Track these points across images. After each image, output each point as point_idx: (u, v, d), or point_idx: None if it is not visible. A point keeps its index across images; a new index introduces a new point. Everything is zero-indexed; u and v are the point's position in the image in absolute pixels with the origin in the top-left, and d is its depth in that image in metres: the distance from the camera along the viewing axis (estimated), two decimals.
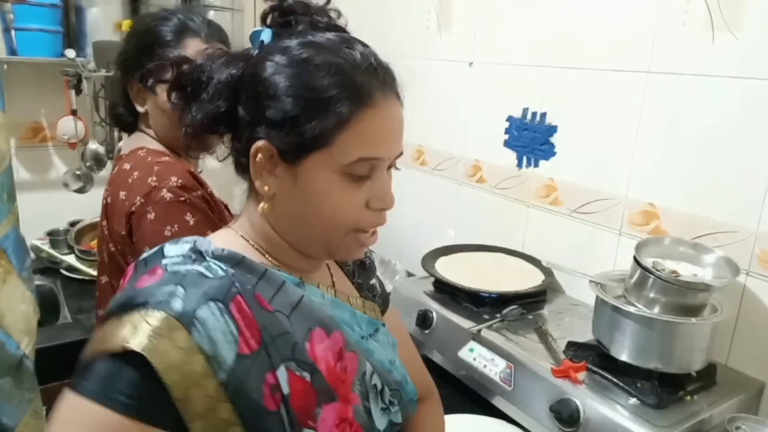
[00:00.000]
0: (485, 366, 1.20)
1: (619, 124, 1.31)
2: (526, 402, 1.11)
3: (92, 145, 1.98)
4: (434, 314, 1.35)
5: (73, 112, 1.96)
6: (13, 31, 1.85)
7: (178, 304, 0.57)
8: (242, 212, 0.73)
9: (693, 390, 1.04)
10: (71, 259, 1.96)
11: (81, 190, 2.05)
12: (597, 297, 1.11)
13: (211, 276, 0.61)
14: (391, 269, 1.84)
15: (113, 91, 1.23)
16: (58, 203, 2.10)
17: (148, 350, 0.54)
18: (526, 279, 1.43)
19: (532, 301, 1.37)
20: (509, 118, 1.57)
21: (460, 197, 1.77)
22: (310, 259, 0.72)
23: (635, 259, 1.09)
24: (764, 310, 1.10)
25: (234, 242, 0.69)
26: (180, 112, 0.69)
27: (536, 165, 1.51)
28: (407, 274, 1.80)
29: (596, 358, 1.11)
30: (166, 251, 0.65)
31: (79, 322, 1.70)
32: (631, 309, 1.05)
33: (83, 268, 1.92)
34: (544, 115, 1.48)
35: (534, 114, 1.50)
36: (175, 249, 0.65)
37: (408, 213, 1.91)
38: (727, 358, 1.16)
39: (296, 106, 0.62)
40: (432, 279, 1.46)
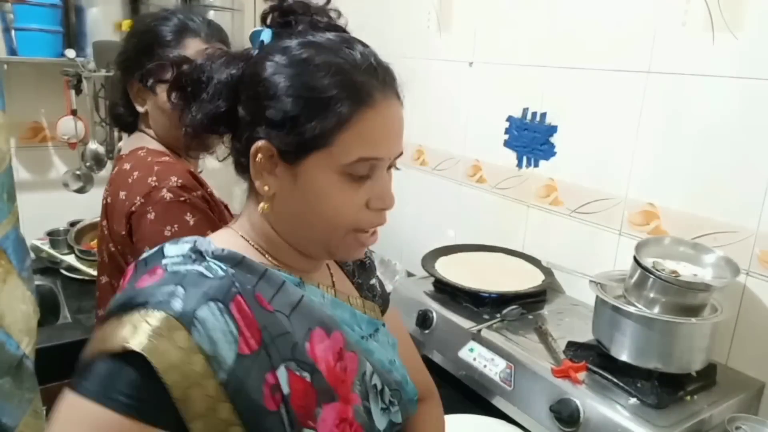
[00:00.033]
0: (485, 366, 1.20)
1: (619, 124, 1.31)
2: (526, 402, 1.11)
3: (92, 145, 1.98)
4: (434, 314, 1.35)
5: (73, 112, 1.96)
6: (13, 31, 1.85)
7: (178, 304, 0.57)
8: (242, 212, 0.73)
9: (693, 390, 1.04)
10: (71, 259, 1.96)
11: (81, 190, 2.05)
12: (597, 297, 1.11)
13: (211, 276, 0.61)
14: (391, 269, 1.84)
15: (113, 91, 1.23)
16: (58, 203, 2.10)
17: (148, 350, 0.54)
18: (526, 279, 1.43)
19: (532, 301, 1.37)
20: (509, 118, 1.57)
21: (460, 197, 1.77)
22: (310, 259, 0.72)
23: (635, 259, 1.09)
24: (764, 310, 1.10)
25: (234, 242, 0.69)
26: (180, 112, 0.69)
27: (536, 165, 1.51)
28: (407, 274, 1.80)
29: (596, 358, 1.11)
30: (166, 251, 0.65)
31: (79, 322, 1.70)
32: (631, 309, 1.05)
33: (83, 268, 1.92)
34: (544, 115, 1.48)
35: (534, 114, 1.50)
36: (175, 249, 0.65)
37: (408, 213, 1.91)
38: (727, 358, 1.16)
39: (296, 106, 0.62)
40: (432, 279, 1.46)
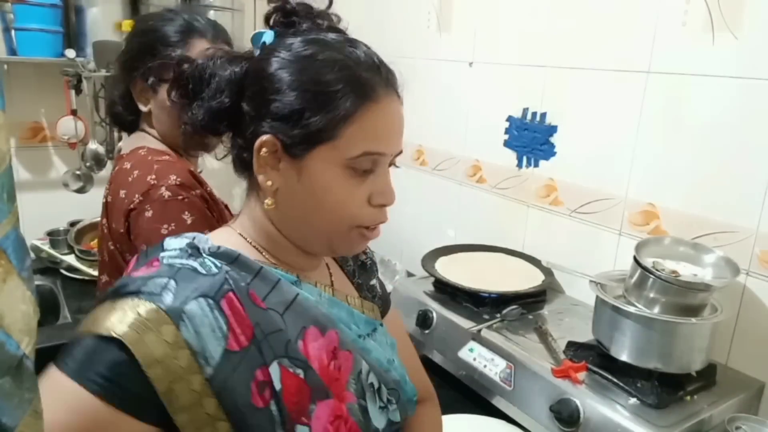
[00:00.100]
0: (485, 366, 1.20)
1: (619, 124, 1.31)
2: (526, 402, 1.11)
3: (92, 145, 1.99)
4: (434, 314, 1.35)
5: (73, 112, 1.96)
6: (13, 31, 1.85)
7: (169, 297, 0.58)
8: (242, 210, 0.73)
9: (693, 390, 1.04)
10: (71, 259, 1.96)
11: (81, 190, 2.05)
12: (597, 297, 1.11)
13: (204, 272, 0.62)
14: (391, 269, 1.84)
15: (112, 89, 1.23)
16: (58, 203, 2.10)
17: (133, 341, 0.55)
18: (526, 279, 1.43)
19: (532, 301, 1.37)
20: (509, 118, 1.57)
21: (460, 197, 1.77)
22: (310, 257, 0.73)
23: (635, 259, 1.09)
24: (764, 310, 1.10)
25: (231, 240, 0.69)
26: (180, 110, 0.70)
27: (536, 165, 1.51)
28: (407, 274, 1.80)
29: (596, 358, 1.11)
30: (166, 245, 0.67)
31: (79, 322, 1.68)
32: (631, 309, 1.05)
33: (83, 268, 1.92)
34: (544, 115, 1.48)
35: (534, 114, 1.50)
36: (174, 243, 0.66)
37: (408, 213, 1.91)
38: (727, 358, 1.16)
39: (302, 100, 0.63)
40: (432, 279, 1.46)
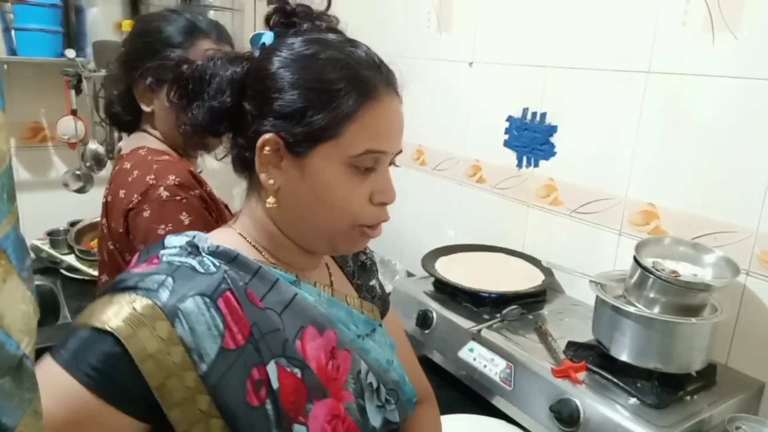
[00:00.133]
0: (485, 366, 1.20)
1: (619, 124, 1.31)
2: (526, 402, 1.11)
3: (92, 145, 1.99)
4: (434, 314, 1.35)
5: (73, 112, 1.96)
6: (13, 31, 1.85)
7: (165, 295, 0.59)
8: (242, 210, 0.73)
9: (693, 390, 1.04)
10: (71, 259, 1.96)
11: (81, 190, 2.05)
12: (597, 297, 1.11)
13: (202, 271, 0.62)
14: (391, 269, 1.84)
15: (110, 89, 1.23)
16: (58, 203, 2.10)
17: (127, 335, 0.56)
18: (526, 279, 1.43)
19: (532, 301, 1.37)
20: (509, 118, 1.57)
21: (460, 197, 1.77)
22: (310, 256, 0.73)
23: (635, 259, 1.09)
24: (764, 310, 1.10)
25: (230, 240, 0.70)
26: (179, 111, 0.70)
27: (536, 165, 1.51)
28: (407, 274, 1.80)
29: (596, 358, 1.11)
30: (167, 242, 0.67)
31: None
32: (631, 309, 1.05)
33: (83, 268, 1.92)
34: (544, 115, 1.48)
35: (534, 114, 1.50)
36: (175, 240, 0.67)
37: (408, 213, 1.91)
38: (727, 358, 1.16)
39: (305, 98, 0.63)
40: (432, 279, 1.46)
